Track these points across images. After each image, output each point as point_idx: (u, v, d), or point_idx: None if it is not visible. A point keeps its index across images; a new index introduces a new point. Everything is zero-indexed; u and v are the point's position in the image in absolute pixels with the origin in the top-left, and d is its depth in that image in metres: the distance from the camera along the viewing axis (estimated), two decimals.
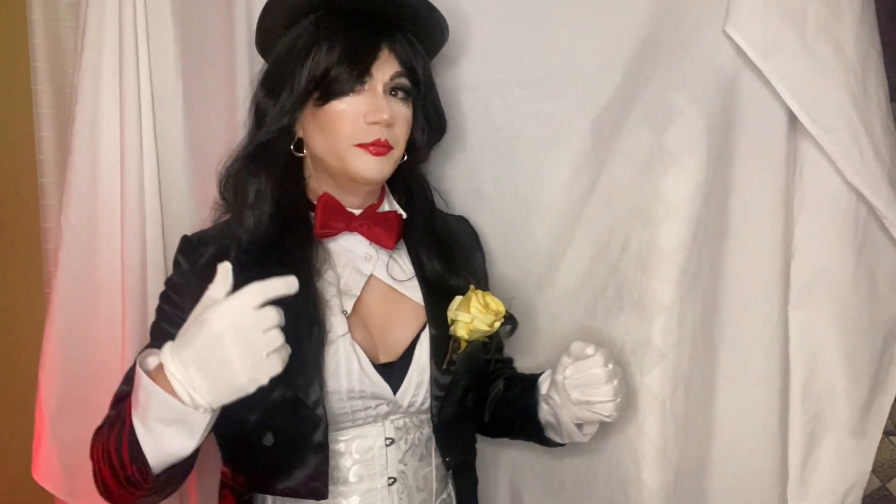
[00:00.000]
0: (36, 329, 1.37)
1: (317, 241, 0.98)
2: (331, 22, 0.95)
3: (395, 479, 0.96)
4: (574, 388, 0.97)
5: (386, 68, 0.95)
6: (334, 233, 0.98)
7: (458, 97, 1.18)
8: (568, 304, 1.19)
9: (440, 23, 1.02)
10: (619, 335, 1.12)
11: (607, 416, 0.97)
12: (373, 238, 0.99)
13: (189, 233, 1.00)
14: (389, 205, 1.05)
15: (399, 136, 0.97)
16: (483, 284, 1.07)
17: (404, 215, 1.03)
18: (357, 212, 1.00)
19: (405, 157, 1.01)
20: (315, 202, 0.98)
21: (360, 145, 0.94)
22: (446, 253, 1.04)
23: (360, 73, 0.93)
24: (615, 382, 0.96)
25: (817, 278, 1.08)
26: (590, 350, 0.96)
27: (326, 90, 0.94)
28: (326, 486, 0.91)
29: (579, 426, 1.01)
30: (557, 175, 1.18)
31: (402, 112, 0.97)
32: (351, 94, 0.94)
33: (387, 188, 1.06)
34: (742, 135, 1.08)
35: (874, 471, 1.16)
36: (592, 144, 1.15)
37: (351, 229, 0.98)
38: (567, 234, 1.19)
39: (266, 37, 1.02)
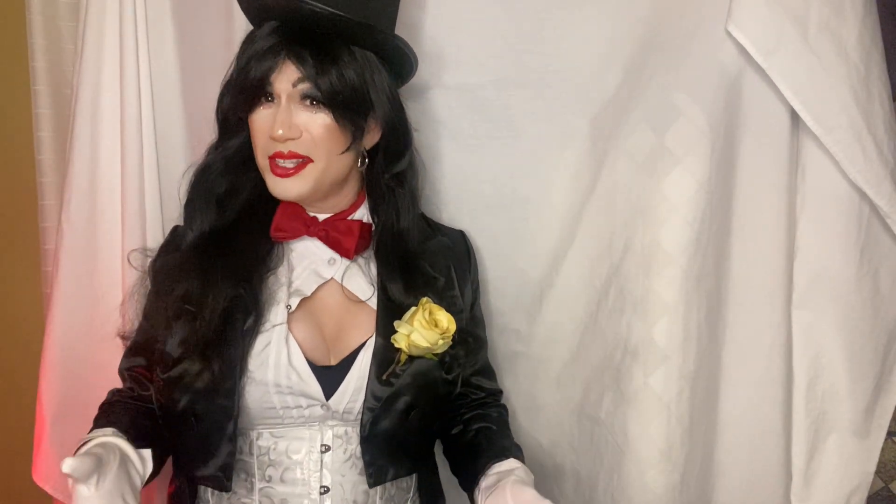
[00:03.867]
0: (36, 329, 1.37)
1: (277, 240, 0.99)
2: (263, 32, 0.94)
3: (328, 489, 0.94)
4: None
5: (285, 77, 0.92)
6: (290, 236, 0.98)
7: (457, 97, 1.17)
8: (569, 306, 1.19)
9: (389, 41, 0.96)
10: (621, 336, 1.12)
11: None
12: (331, 245, 0.99)
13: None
14: (365, 212, 1.04)
15: (317, 146, 0.93)
16: (458, 305, 1.04)
17: (372, 225, 1.03)
18: (322, 216, 1.00)
19: (365, 164, 1.00)
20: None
21: (270, 160, 0.94)
22: (409, 273, 1.01)
23: (258, 83, 0.92)
24: None
25: (820, 278, 1.08)
26: None
27: (242, 101, 0.94)
28: (230, 479, 0.92)
29: None
30: (557, 175, 1.18)
31: (314, 122, 0.93)
32: (262, 106, 0.94)
33: (366, 195, 1.05)
34: (745, 134, 1.08)
35: (877, 471, 1.16)
36: (592, 144, 1.15)
37: (310, 234, 0.99)
38: (568, 235, 1.18)
39: None
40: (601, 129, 1.14)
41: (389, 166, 1.02)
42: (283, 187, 0.94)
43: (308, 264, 0.99)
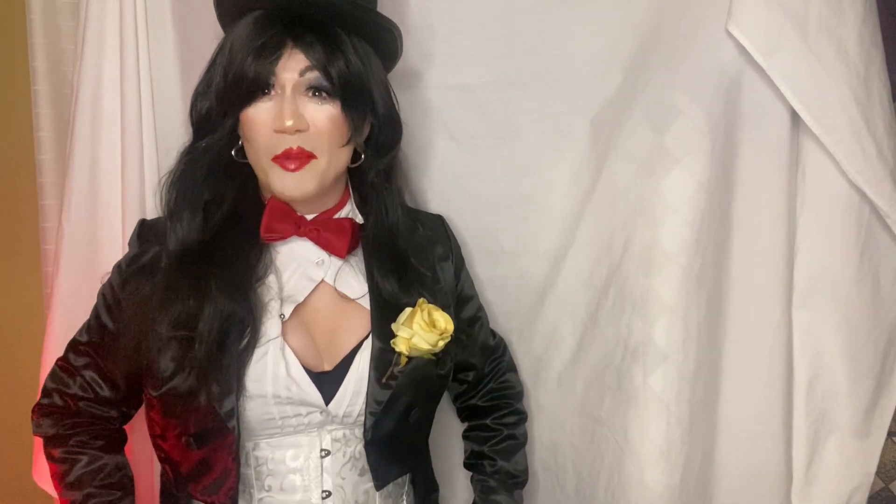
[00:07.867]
0: (36, 329, 1.37)
1: (264, 243, 0.95)
2: (250, 23, 0.90)
3: (329, 493, 0.93)
4: None
5: (291, 67, 0.88)
6: (280, 237, 0.95)
7: (457, 97, 1.17)
8: (570, 305, 1.19)
9: (382, 24, 0.95)
10: (621, 336, 1.12)
11: None
12: (322, 245, 0.96)
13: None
14: (351, 209, 1.01)
15: (322, 141, 0.90)
16: (447, 298, 1.03)
17: (360, 221, 1.00)
18: (310, 216, 0.97)
19: (361, 160, 0.97)
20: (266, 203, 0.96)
21: (274, 159, 0.89)
22: (401, 269, 0.99)
23: (261, 74, 0.87)
24: None
25: (820, 278, 1.08)
26: None
27: (237, 96, 0.89)
28: (236, 499, 0.91)
29: None
30: (557, 176, 1.18)
31: (320, 114, 0.90)
32: (260, 100, 0.89)
33: (351, 191, 1.02)
34: (744, 134, 1.08)
35: (878, 472, 1.16)
36: (592, 144, 1.15)
37: (300, 234, 0.95)
38: (568, 235, 1.18)
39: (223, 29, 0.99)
40: (601, 129, 1.14)
41: (379, 160, 1.00)
42: (292, 182, 0.89)
43: (296, 267, 0.96)
